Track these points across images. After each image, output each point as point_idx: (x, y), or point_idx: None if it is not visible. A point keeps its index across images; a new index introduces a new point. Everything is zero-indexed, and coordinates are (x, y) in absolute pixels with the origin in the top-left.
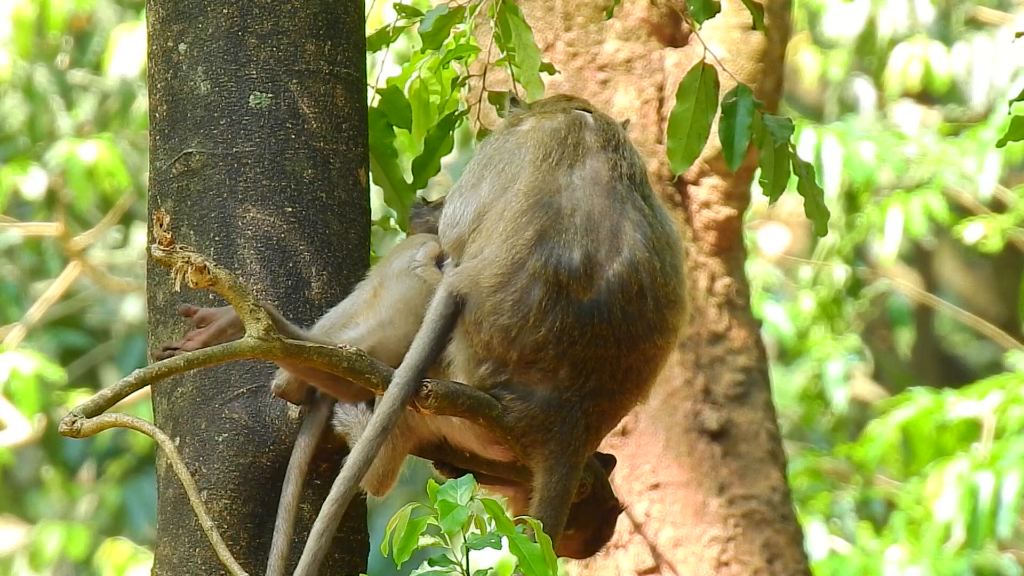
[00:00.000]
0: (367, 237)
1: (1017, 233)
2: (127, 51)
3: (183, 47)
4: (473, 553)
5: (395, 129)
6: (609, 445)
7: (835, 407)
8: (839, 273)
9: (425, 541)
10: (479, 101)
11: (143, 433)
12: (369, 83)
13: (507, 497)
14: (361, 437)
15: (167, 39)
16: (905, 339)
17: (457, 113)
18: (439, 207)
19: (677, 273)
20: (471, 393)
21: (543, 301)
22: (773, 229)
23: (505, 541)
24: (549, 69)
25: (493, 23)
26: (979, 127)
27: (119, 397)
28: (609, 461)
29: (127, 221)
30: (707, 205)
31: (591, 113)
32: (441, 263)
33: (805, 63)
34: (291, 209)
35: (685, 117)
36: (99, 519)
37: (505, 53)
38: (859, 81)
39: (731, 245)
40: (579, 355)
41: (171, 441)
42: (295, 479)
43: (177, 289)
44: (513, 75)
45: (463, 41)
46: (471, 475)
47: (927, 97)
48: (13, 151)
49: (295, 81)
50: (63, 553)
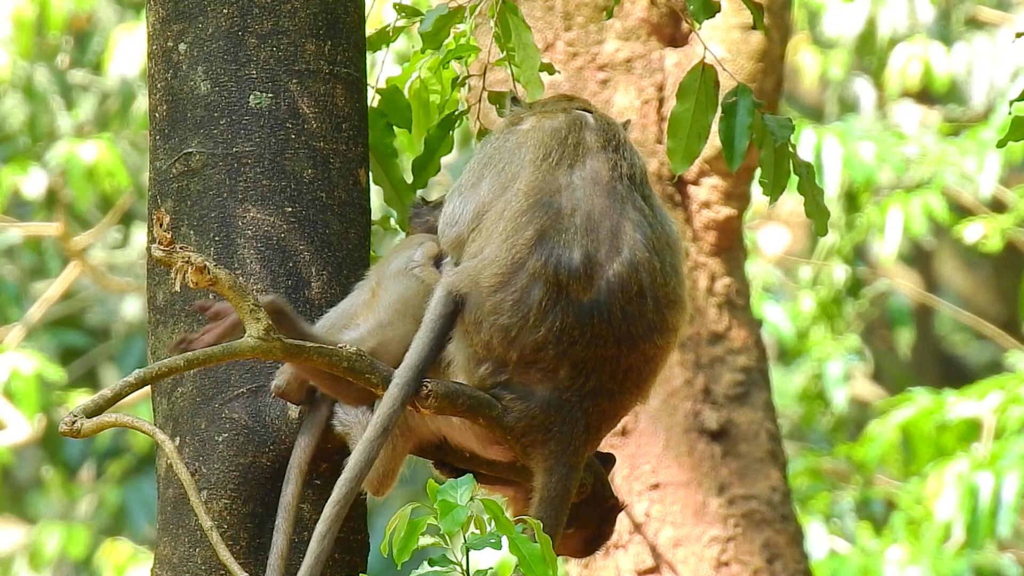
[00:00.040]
0: (367, 237)
1: (1017, 233)
2: (127, 51)
3: (183, 47)
4: (473, 553)
5: (395, 129)
6: (609, 445)
7: (835, 407)
8: (839, 273)
9: (425, 541)
10: (479, 101)
11: (143, 433)
12: (369, 83)
13: (507, 497)
14: (362, 438)
15: (167, 39)
16: (905, 339)
17: (457, 113)
18: (439, 207)
19: (677, 273)
20: (471, 393)
21: (543, 301)
22: (773, 229)
23: (505, 541)
24: (549, 69)
25: (493, 23)
26: (979, 127)
27: (119, 397)
28: (608, 459)
29: (127, 221)
30: (707, 205)
31: (592, 113)
32: (439, 263)
33: (805, 63)
34: (291, 209)
35: (685, 117)
36: (99, 519)
37: (505, 53)
38: (859, 81)
39: (731, 245)
40: (579, 355)
41: (171, 441)
42: (295, 479)
43: (177, 289)
44: (513, 75)
45: (463, 41)
46: (471, 475)
47: (927, 97)
48: (13, 151)
49: (295, 81)
50: (63, 553)
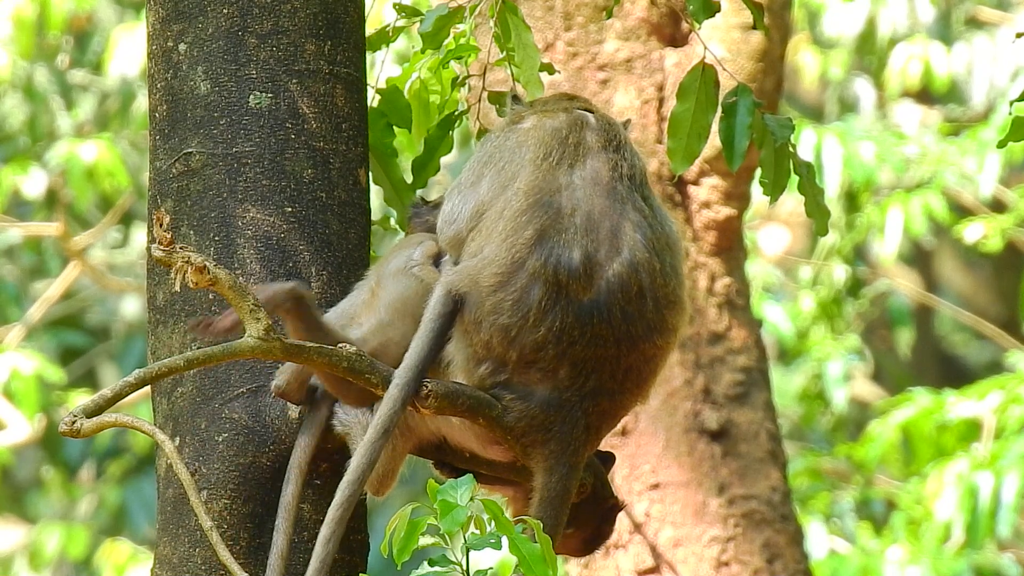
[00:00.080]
0: (367, 237)
1: (1017, 233)
2: (127, 51)
3: (183, 47)
4: (473, 553)
5: (395, 129)
6: (609, 445)
7: (835, 407)
8: (839, 273)
9: (425, 541)
10: (479, 101)
11: (143, 433)
12: (369, 83)
13: (507, 497)
14: (363, 440)
15: (167, 39)
16: (905, 339)
17: (457, 113)
18: (438, 207)
19: (677, 274)
20: (471, 393)
21: (543, 301)
22: (773, 229)
23: (505, 541)
24: (549, 69)
25: (493, 23)
26: (979, 127)
27: (119, 397)
28: (608, 458)
29: (127, 221)
30: (707, 205)
31: (593, 113)
32: (438, 262)
33: (805, 63)
34: (291, 209)
35: (685, 117)
36: (99, 519)
37: (505, 53)
38: (859, 81)
39: (731, 245)
40: (579, 355)
41: (171, 441)
42: (295, 479)
43: (177, 289)
44: (513, 75)
45: (463, 41)
46: (471, 475)
47: (927, 97)
48: (13, 151)
49: (295, 81)
50: (63, 553)
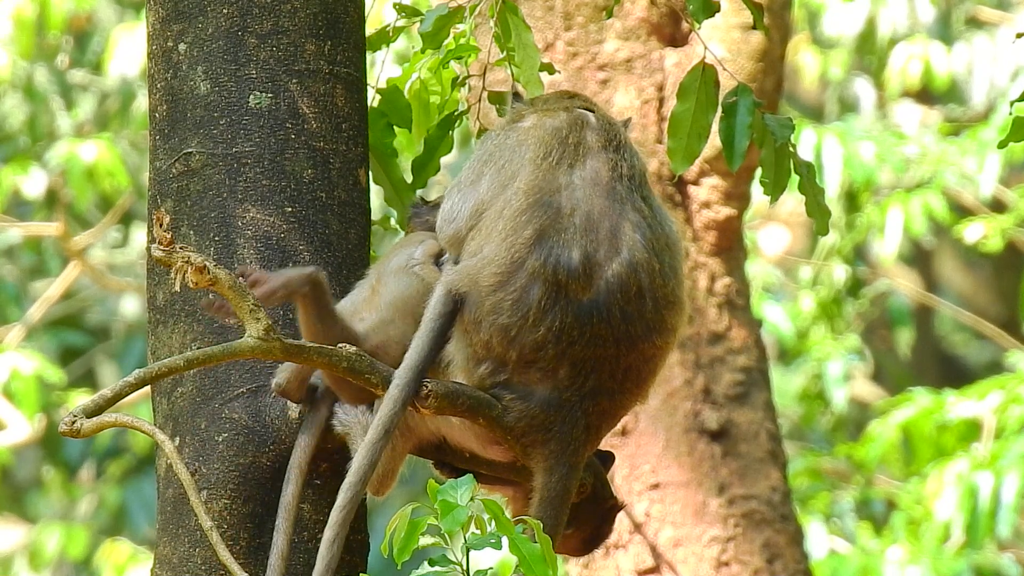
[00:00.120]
0: (367, 237)
1: (1017, 233)
2: (127, 51)
3: (183, 47)
4: (473, 553)
5: (395, 129)
6: (609, 445)
7: (835, 407)
8: (839, 273)
9: (425, 541)
10: (479, 101)
11: (143, 433)
12: (369, 83)
13: (507, 497)
14: (364, 441)
15: (167, 39)
16: (905, 339)
17: (457, 113)
18: (438, 206)
19: (676, 274)
20: (471, 393)
21: (542, 301)
22: (773, 229)
23: (505, 541)
24: (549, 69)
25: (493, 23)
26: (979, 127)
27: (119, 397)
28: (608, 458)
29: (127, 221)
30: (707, 205)
31: (593, 112)
32: (439, 261)
33: (805, 63)
34: (291, 209)
35: (685, 117)
36: (99, 519)
37: (505, 53)
38: (859, 81)
39: (731, 245)
40: (578, 355)
41: (171, 441)
42: (295, 479)
43: (177, 289)
44: (513, 75)
45: (463, 41)
46: (471, 475)
47: (927, 97)
48: (13, 151)
49: (295, 81)
50: (63, 553)
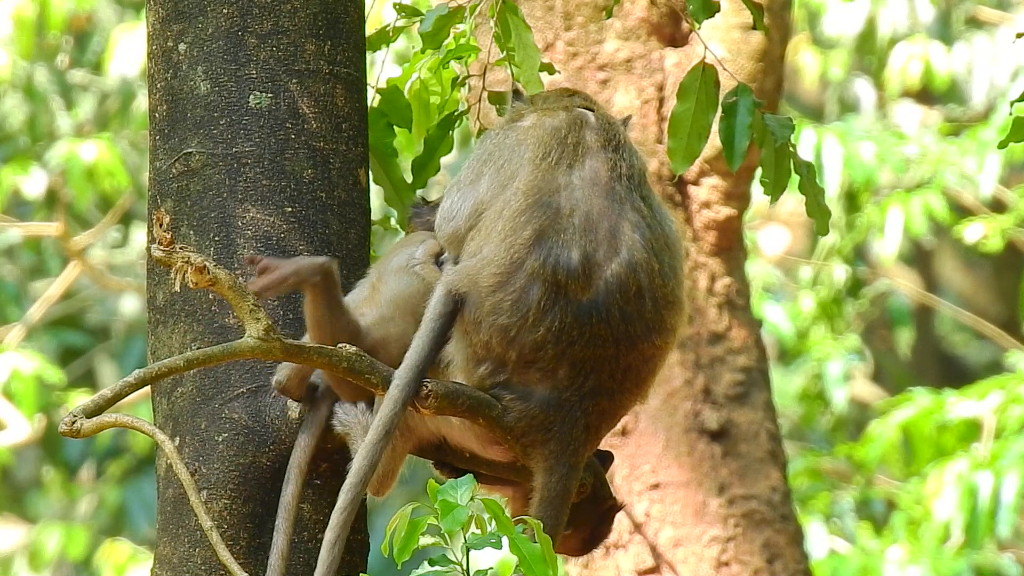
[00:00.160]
0: (367, 237)
1: (1017, 233)
2: (127, 51)
3: (183, 47)
4: (473, 553)
5: (395, 129)
6: (609, 445)
7: (835, 407)
8: (839, 273)
9: (425, 541)
10: (479, 101)
11: (143, 433)
12: (369, 83)
13: (507, 497)
14: (364, 441)
15: (167, 39)
16: (905, 339)
17: (457, 113)
18: (438, 206)
19: (675, 274)
20: (471, 393)
21: (542, 301)
22: (773, 229)
23: (505, 541)
24: (549, 69)
25: (493, 23)
26: (979, 127)
27: (119, 397)
28: (607, 458)
29: (127, 221)
30: (707, 205)
31: (593, 111)
32: (440, 261)
33: (805, 63)
34: (291, 209)
35: (685, 117)
36: (99, 519)
37: (505, 53)
38: (859, 81)
39: (731, 245)
40: (578, 355)
41: (171, 441)
42: (295, 479)
43: (177, 289)
44: (513, 75)
45: (463, 41)
46: (471, 475)
47: (927, 97)
48: (13, 151)
49: (295, 81)
50: (63, 553)
